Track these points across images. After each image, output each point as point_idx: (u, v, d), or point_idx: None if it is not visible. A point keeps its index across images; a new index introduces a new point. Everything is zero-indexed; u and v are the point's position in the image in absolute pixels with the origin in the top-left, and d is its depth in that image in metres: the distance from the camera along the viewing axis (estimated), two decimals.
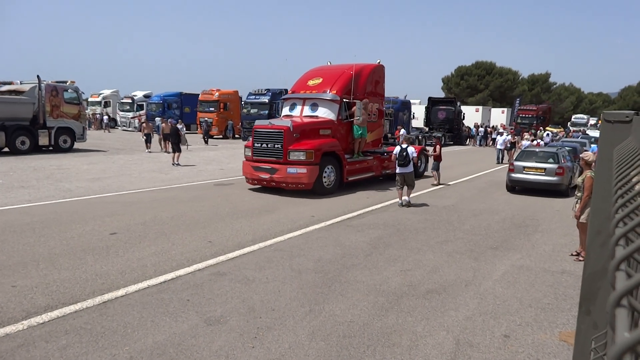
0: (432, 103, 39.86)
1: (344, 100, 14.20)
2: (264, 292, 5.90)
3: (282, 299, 5.68)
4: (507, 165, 21.14)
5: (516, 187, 14.69)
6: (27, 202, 10.86)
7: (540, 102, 65.74)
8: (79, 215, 9.62)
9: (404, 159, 11.61)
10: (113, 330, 4.73)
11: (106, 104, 46.37)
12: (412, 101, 37.32)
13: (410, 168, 11.78)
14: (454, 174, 18.37)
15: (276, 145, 12.81)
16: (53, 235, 8.15)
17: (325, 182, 13.08)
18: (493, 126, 43.40)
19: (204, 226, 9.12)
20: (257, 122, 13.98)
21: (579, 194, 7.79)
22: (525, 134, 34.93)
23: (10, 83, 24.38)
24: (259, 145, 13.25)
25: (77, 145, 23.74)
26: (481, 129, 40.32)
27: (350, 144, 14.54)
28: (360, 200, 12.48)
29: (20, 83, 23.56)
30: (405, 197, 11.89)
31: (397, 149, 11.97)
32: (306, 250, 7.77)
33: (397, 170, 11.83)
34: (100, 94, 47.74)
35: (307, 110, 14.37)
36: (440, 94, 70.83)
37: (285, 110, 15.01)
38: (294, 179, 12.57)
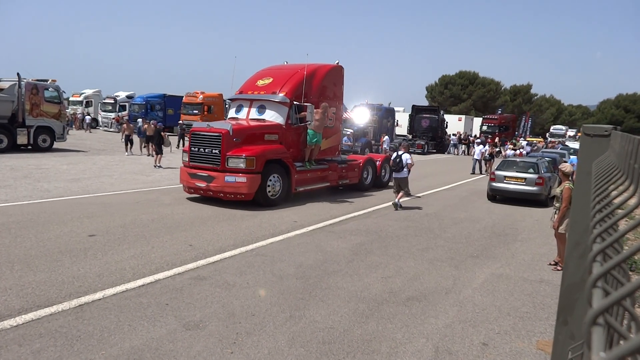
0: (416, 111, 40.25)
1: (295, 103, 12.94)
2: (244, 297, 5.85)
3: (262, 305, 5.64)
4: (484, 176, 21.48)
5: (497, 196, 14.87)
6: (3, 202, 10.63)
7: (521, 113, 66.80)
8: (57, 216, 9.44)
9: (397, 164, 12.41)
10: (89, 334, 4.64)
11: (88, 104, 45.72)
12: (396, 109, 37.59)
13: (404, 173, 12.50)
14: (436, 182, 18.53)
15: (214, 151, 11.53)
16: (29, 236, 7.98)
17: (269, 192, 11.80)
18: (475, 135, 43.94)
19: (184, 229, 9.03)
20: (195, 125, 12.92)
21: (557, 205, 7.92)
22: (507, 143, 35.40)
23: None
24: (196, 150, 11.95)
25: (56, 145, 23.33)
26: (453, 137, 40.49)
27: (302, 151, 13.35)
28: (342, 206, 12.49)
29: (0, 80, 23.11)
30: (396, 200, 12.41)
31: (394, 155, 12.85)
32: (287, 255, 7.74)
33: (393, 175, 12.90)
34: (82, 93, 47.07)
35: (253, 113, 13.16)
36: (424, 102, 71.59)
37: (232, 112, 13.77)
38: (232, 189, 11.30)
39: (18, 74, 21.37)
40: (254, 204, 11.52)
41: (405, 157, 12.45)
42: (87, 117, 41.68)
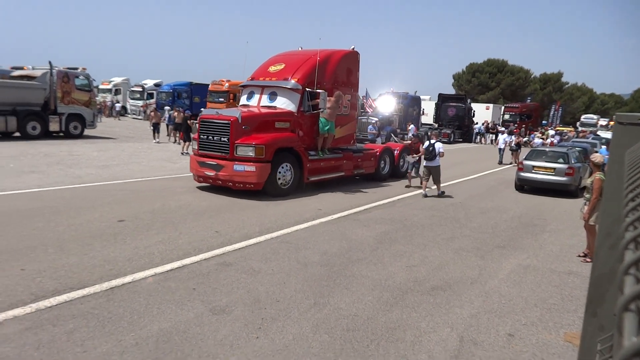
0: (442, 100, 39.69)
1: (307, 89, 12.44)
2: (269, 283, 5.93)
3: (287, 291, 5.71)
4: (510, 165, 21.06)
5: (525, 186, 14.62)
6: (37, 187, 10.97)
7: (551, 101, 65.14)
8: (88, 202, 9.70)
9: (430, 153, 12.55)
10: (120, 316, 4.79)
11: (117, 92, 46.55)
12: (422, 97, 37.13)
13: (436, 162, 12.63)
14: (463, 171, 18.31)
15: (222, 139, 11.21)
16: (62, 220, 8.22)
17: (280, 182, 11.47)
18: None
19: (211, 216, 9.17)
20: (204, 112, 12.79)
21: (587, 196, 7.74)
22: (533, 132, 34.66)
23: (22, 68, 24.54)
24: (205, 137, 11.66)
25: (87, 132, 23.88)
26: (477, 126, 39.71)
27: (315, 139, 12.92)
28: (367, 195, 12.47)
29: (32, 68, 23.70)
30: (427, 189, 12.76)
31: (426, 143, 12.98)
32: (312, 243, 7.79)
33: (424, 164, 12.88)
34: (111, 81, 47.92)
35: (265, 100, 12.72)
36: (451, 90, 70.45)
37: (243, 100, 13.42)
38: (241, 178, 10.96)
39: (50, 62, 21.89)
40: (265, 193, 11.27)
41: (438, 145, 12.65)
42: (117, 105, 42.46)
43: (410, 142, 14.99)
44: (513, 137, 24.32)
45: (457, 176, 16.89)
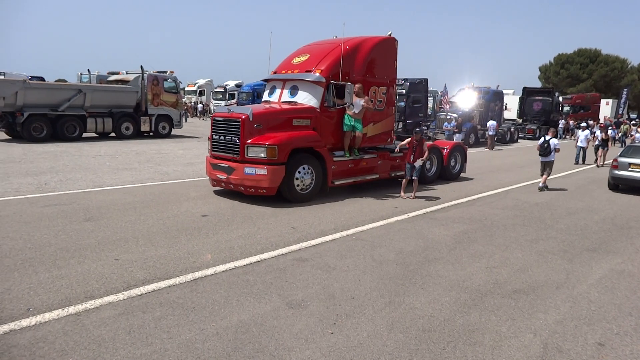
0: (527, 93, 37.65)
1: (332, 82, 11.01)
2: (344, 280, 5.96)
3: (362, 288, 5.71)
4: (594, 166, 19.33)
5: (620, 186, 13.53)
6: (130, 183, 11.80)
7: None
8: (175, 197, 10.28)
9: (545, 149, 13.20)
10: (202, 306, 5.03)
11: (201, 93, 48.85)
12: (505, 91, 35.46)
13: (551, 157, 13.26)
14: None
15: (233, 139, 10.16)
16: (151, 214, 8.78)
17: (298, 186, 10.26)
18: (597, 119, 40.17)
19: (288, 212, 9.37)
20: (217, 110, 11.47)
21: None
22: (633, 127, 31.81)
23: (117, 73, 26.49)
24: (217, 138, 10.66)
25: (174, 131, 25.30)
26: (562, 121, 36.93)
27: (343, 138, 11.49)
28: (444, 194, 12.14)
29: (126, 73, 25.50)
30: (541, 184, 13.18)
31: (541, 140, 13.52)
32: (387, 241, 7.73)
33: (540, 159, 13.42)
34: (196, 83, 50.40)
35: (285, 95, 11.50)
36: (537, 84, 66.79)
37: (266, 95, 12.24)
38: (252, 182, 9.88)
39: (141, 66, 23.44)
40: (282, 199, 10.21)
41: (554, 142, 13.20)
42: (199, 106, 44.50)
43: (411, 140, 11.54)
44: (599, 132, 20.80)
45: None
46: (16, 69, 29.33)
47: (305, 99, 11.12)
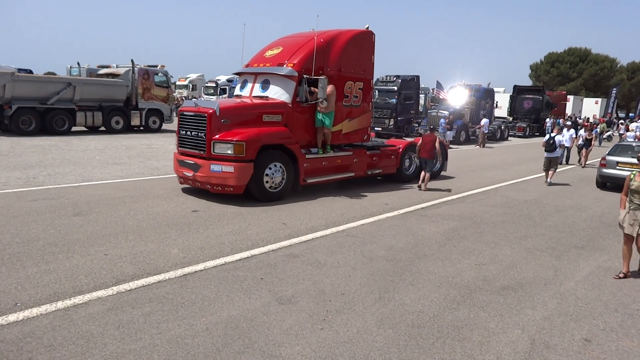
0: (518, 92, 37.90)
1: (305, 76, 10.55)
2: (335, 276, 5.98)
3: (352, 284, 5.73)
4: (577, 166, 19.15)
5: (608, 184, 13.68)
6: (119, 178, 11.71)
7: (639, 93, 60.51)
8: (165, 192, 10.22)
9: (550, 145, 13.85)
10: (192, 302, 5.02)
11: (193, 88, 48.56)
12: (495, 89, 35.64)
13: (556, 153, 14.04)
14: (538, 167, 17.41)
15: (200, 134, 9.76)
16: (141, 209, 8.73)
17: (267, 184, 9.89)
18: (586, 117, 40.45)
19: (279, 208, 9.36)
20: (184, 104, 11.03)
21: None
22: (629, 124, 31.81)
23: (108, 66, 26.23)
24: (184, 133, 10.24)
25: (164, 126, 25.13)
26: (550, 120, 36.39)
27: (316, 134, 11.10)
28: (434, 191, 12.20)
29: (117, 66, 25.26)
30: (548, 180, 13.94)
31: (547, 136, 14.16)
32: (378, 237, 7.75)
33: (545, 155, 14.05)
34: (187, 77, 50.07)
35: (257, 89, 11.01)
36: (528, 82, 67.20)
37: (237, 89, 11.78)
38: (218, 180, 9.49)
39: (132, 60, 23.21)
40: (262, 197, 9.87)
41: (558, 138, 14.15)
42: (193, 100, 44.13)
43: (423, 137, 12.51)
44: (582, 132, 20.26)
45: (532, 172, 16.12)
46: (4, 62, 28.91)
47: (277, 93, 10.68)
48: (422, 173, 12.26)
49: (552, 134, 14.02)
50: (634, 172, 6.65)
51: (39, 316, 4.55)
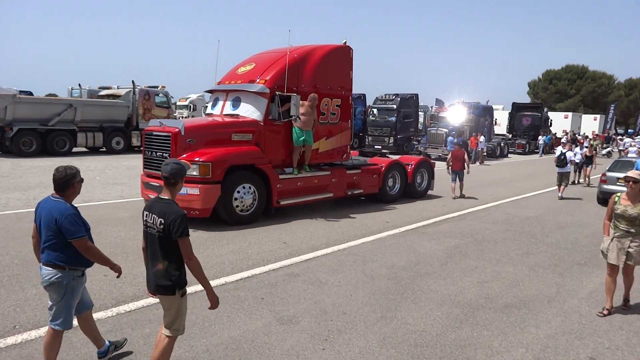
0: (516, 109, 38.14)
1: (277, 93, 10.12)
2: (336, 295, 5.93)
3: (353, 303, 5.68)
4: (580, 185, 18.79)
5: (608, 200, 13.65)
6: (120, 198, 11.72)
7: (638, 109, 60.86)
8: None
9: (562, 161, 14.45)
10: (192, 323, 4.97)
11: (193, 108, 48.82)
12: (494, 107, 35.86)
13: (567, 168, 14.63)
14: (539, 184, 17.44)
15: (164, 155, 9.26)
16: (141, 229, 8.64)
17: (237, 207, 9.41)
18: (584, 134, 40.54)
19: (279, 227, 9.33)
20: (150, 124, 10.48)
21: (632, 230, 5.91)
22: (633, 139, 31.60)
23: (109, 88, 26.45)
24: (149, 154, 9.81)
25: None
26: (542, 137, 35.14)
27: (292, 153, 10.58)
28: (435, 208, 12.18)
29: (117, 88, 25.48)
30: (559, 194, 14.43)
31: (558, 152, 14.82)
32: (379, 255, 7.71)
33: (557, 170, 14.57)
34: (188, 97, 50.40)
35: (228, 107, 10.62)
36: (526, 99, 67.63)
37: (209, 107, 11.44)
38: (184, 203, 8.40)
39: (133, 81, 23.44)
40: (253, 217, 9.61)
41: (569, 154, 14.78)
42: None
43: (452, 152, 14.18)
44: (580, 150, 19.07)
45: (532, 188, 16.12)
46: (5, 84, 29.17)
47: (248, 111, 10.25)
48: (452, 184, 13.82)
49: (564, 150, 14.73)
50: (617, 195, 5.96)
51: (37, 339, 4.51)
